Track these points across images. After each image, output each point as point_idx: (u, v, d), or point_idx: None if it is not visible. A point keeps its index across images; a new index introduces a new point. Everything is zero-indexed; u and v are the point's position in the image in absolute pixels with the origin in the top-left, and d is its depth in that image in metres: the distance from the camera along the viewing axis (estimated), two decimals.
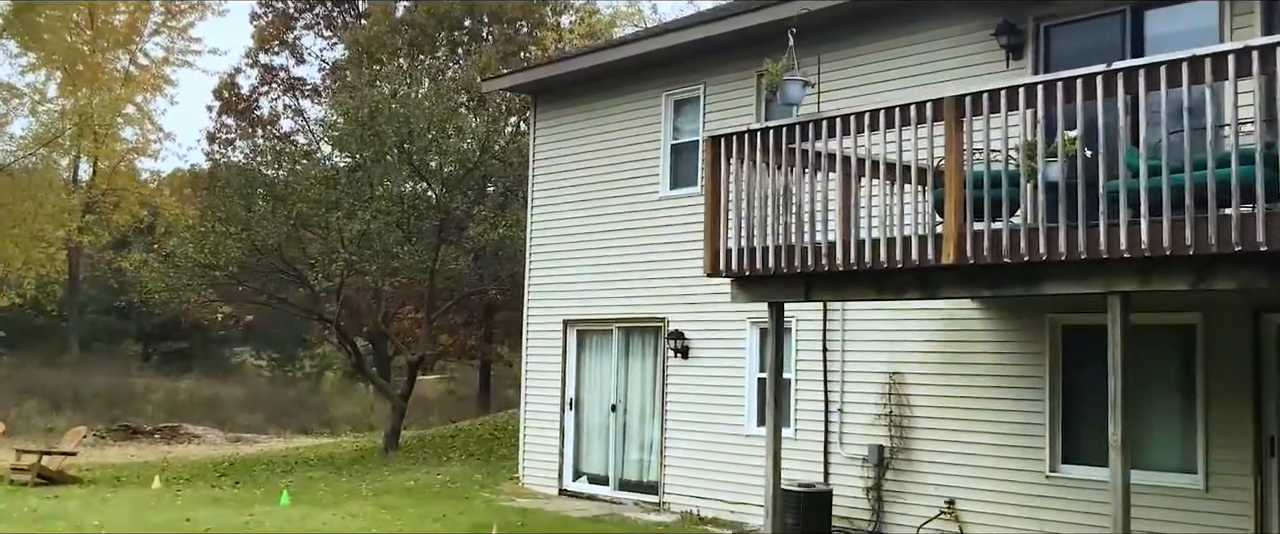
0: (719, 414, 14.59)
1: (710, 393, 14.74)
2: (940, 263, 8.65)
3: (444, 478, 18.65)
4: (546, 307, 17.10)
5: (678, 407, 15.17)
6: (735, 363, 14.46)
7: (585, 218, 16.52)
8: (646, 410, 15.79)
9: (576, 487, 16.47)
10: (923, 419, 12.42)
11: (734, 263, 10.13)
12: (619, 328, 16.13)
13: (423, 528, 13.26)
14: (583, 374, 16.71)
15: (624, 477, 16.01)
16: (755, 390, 14.27)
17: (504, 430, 23.65)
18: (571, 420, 16.70)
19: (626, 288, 15.85)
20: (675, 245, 15.15)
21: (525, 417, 17.42)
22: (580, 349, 16.76)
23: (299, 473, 20.67)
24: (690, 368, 15.03)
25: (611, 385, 16.21)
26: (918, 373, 12.51)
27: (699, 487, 14.70)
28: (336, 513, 14.45)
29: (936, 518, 12.09)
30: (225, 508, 15.19)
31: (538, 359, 17.27)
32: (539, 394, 17.17)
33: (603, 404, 16.37)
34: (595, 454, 16.47)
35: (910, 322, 12.56)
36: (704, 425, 14.76)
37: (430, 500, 15.89)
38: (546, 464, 16.87)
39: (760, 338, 14.30)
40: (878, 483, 12.71)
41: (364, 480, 19.01)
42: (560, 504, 15.63)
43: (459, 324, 37.07)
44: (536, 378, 17.27)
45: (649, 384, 15.78)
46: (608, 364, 16.30)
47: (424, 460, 21.21)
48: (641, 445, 15.83)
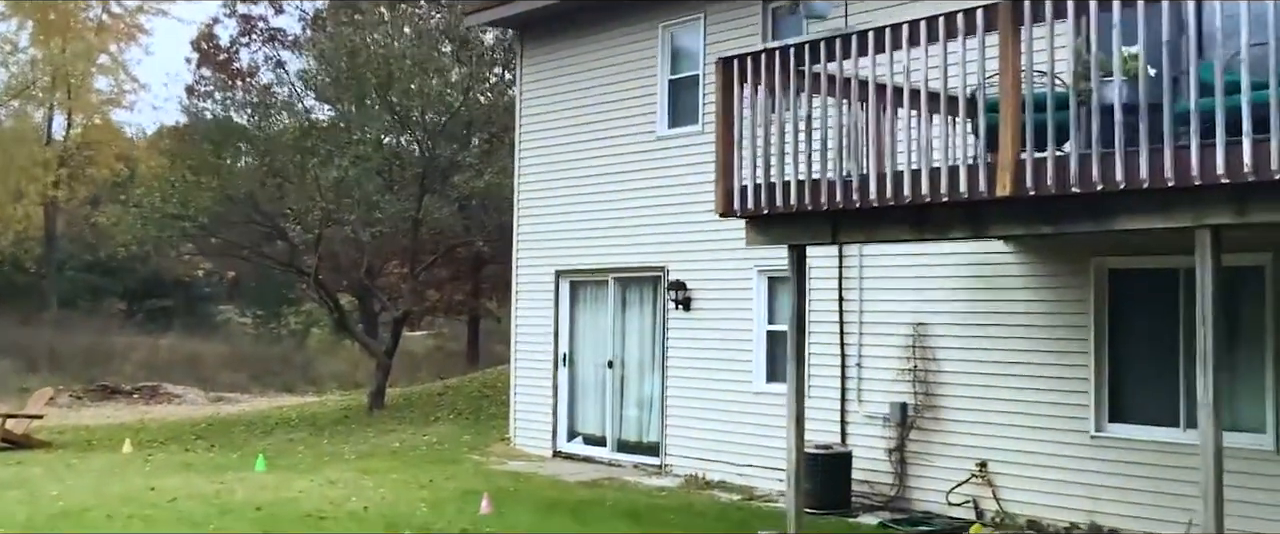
0: (724, 370, 13.52)
1: (715, 347, 13.66)
2: (993, 195, 7.52)
3: (431, 439, 17.59)
4: (537, 257, 15.97)
5: (679, 363, 14.09)
6: (742, 315, 13.37)
7: (577, 161, 15.36)
8: (646, 367, 14.72)
9: (571, 448, 15.43)
10: (951, 374, 11.36)
11: (750, 201, 8.99)
12: (615, 278, 15.01)
13: (407, 495, 12.21)
14: (577, 328, 15.62)
15: (622, 437, 14.96)
16: (764, 344, 13.19)
17: (494, 388, 22.59)
18: (565, 378, 15.62)
19: (623, 235, 14.72)
20: (675, 188, 14.01)
21: (516, 374, 16.34)
22: (574, 302, 15.65)
23: (279, 434, 19.61)
24: (693, 321, 13.93)
25: (608, 340, 15.11)
26: (945, 323, 11.43)
27: (703, 448, 13.66)
28: (315, 479, 13.39)
29: (967, 482, 11.06)
30: (196, 474, 14.13)
31: (528, 313, 16.16)
32: (530, 350, 16.08)
33: (599, 360, 15.29)
34: (591, 414, 15.41)
35: (936, 267, 11.46)
36: (708, 382, 13.69)
37: (416, 464, 14.84)
38: (539, 424, 15.80)
39: (769, 288, 13.21)
40: (901, 444, 11.66)
41: (347, 442, 17.95)
42: (555, 467, 14.59)
43: (446, 279, 36.14)
44: (527, 333, 16.17)
45: (648, 339, 14.69)
46: (603, 318, 15.20)
47: (410, 420, 20.15)
48: (641, 404, 14.77)
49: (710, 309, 13.74)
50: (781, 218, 8.99)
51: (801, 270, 9.18)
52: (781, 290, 13.09)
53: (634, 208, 14.56)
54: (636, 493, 12.73)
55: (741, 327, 13.36)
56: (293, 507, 11.49)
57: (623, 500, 12.12)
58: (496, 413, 19.44)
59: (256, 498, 11.99)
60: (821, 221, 8.77)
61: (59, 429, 20.72)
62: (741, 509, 11.87)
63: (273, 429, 20.35)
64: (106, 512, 11.34)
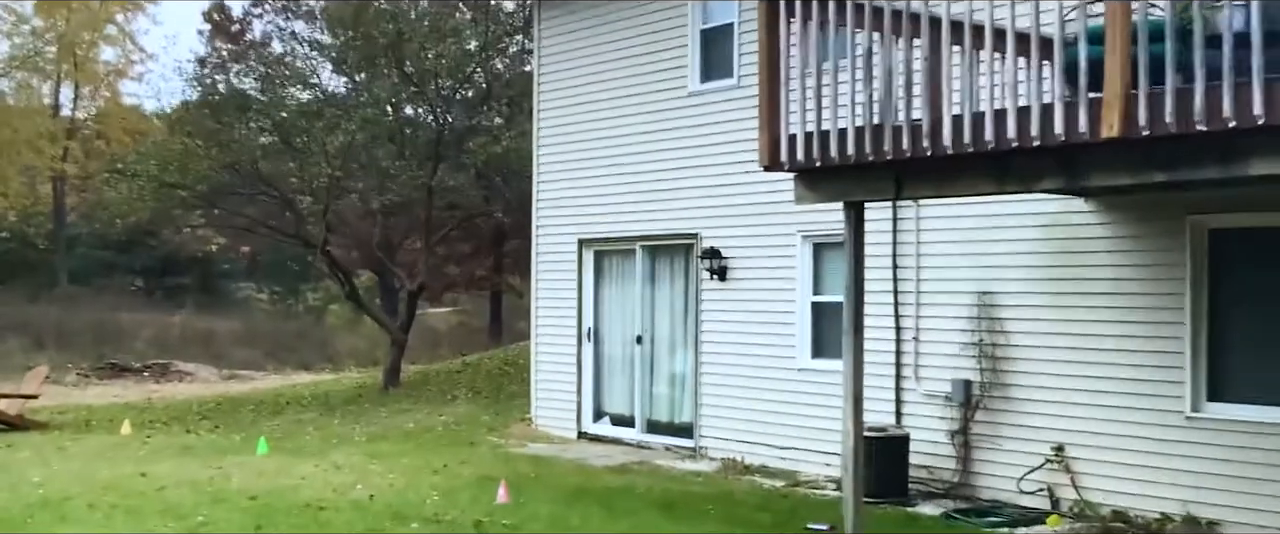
0: (764, 345, 12.37)
1: (753, 321, 12.51)
2: (1096, 137, 6.33)
3: (447, 420, 16.53)
4: (558, 225, 14.83)
5: (714, 337, 12.95)
6: (783, 284, 12.21)
7: (601, 121, 14.19)
8: (677, 342, 13.59)
9: (598, 429, 14.32)
10: (1022, 348, 10.17)
11: (799, 152, 7.82)
12: (643, 247, 13.87)
13: (417, 482, 11.15)
14: (602, 301, 14.49)
15: (652, 417, 13.84)
16: (809, 317, 12.04)
17: (515, 365, 21.53)
18: (590, 354, 14.50)
19: (651, 200, 13.57)
20: (708, 148, 12.84)
21: (537, 351, 15.23)
22: (599, 272, 14.51)
23: (289, 414, 18.61)
24: (729, 291, 12.78)
25: (636, 313, 13.98)
26: (1016, 292, 10.24)
27: (741, 429, 12.54)
28: (319, 464, 12.34)
29: (1041, 467, 9.89)
30: (193, 458, 13.11)
31: (549, 285, 15.04)
32: (552, 325, 14.97)
33: (626, 335, 14.16)
34: (618, 392, 14.29)
35: (1004, 230, 10.27)
36: (746, 358, 12.55)
37: (429, 447, 13.78)
38: (562, 404, 14.70)
39: (814, 255, 12.04)
40: (964, 425, 10.50)
41: (358, 423, 16.91)
42: (579, 450, 13.50)
43: (467, 253, 35.25)
44: (549, 306, 15.06)
45: (679, 311, 13.55)
46: (631, 289, 14.07)
47: (426, 399, 19.10)
48: (672, 382, 13.65)
49: (748, 279, 12.59)
50: (836, 171, 7.81)
51: (859, 232, 8.01)
52: (828, 257, 11.93)
53: (663, 170, 13.40)
54: (669, 479, 11.63)
55: (783, 297, 12.21)
56: (291, 495, 10.44)
57: (654, 487, 11.02)
58: (517, 392, 18.37)
59: (253, 485, 10.95)
60: (883, 174, 7.58)
61: (60, 409, 19.78)
62: (786, 497, 10.75)
63: (283, 409, 19.35)
64: (89, 501, 10.32)
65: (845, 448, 7.91)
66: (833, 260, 11.89)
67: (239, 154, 17.70)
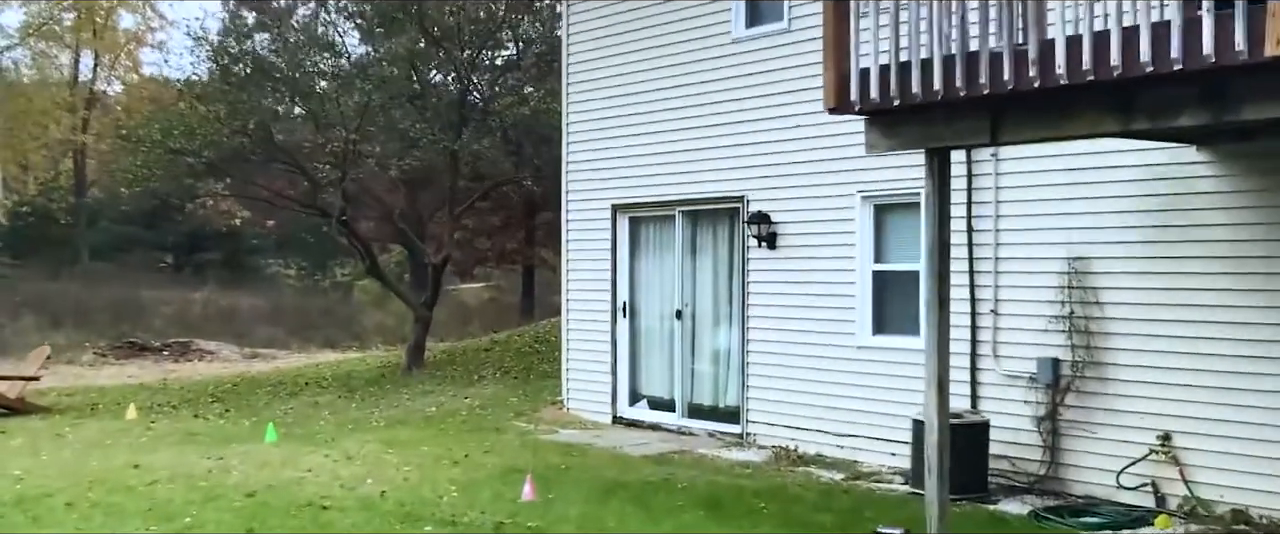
0: (819, 320, 11.13)
1: (806, 293, 11.26)
2: (1258, 57, 5.04)
3: (473, 402, 15.39)
4: (590, 189, 13.61)
5: (763, 311, 11.71)
6: (841, 252, 10.94)
7: (636, 74, 12.93)
8: (721, 317, 12.36)
9: (634, 413, 13.13)
10: (1121, 322, 8.88)
11: (874, 89, 6.56)
12: (683, 212, 12.63)
13: (435, 475, 10.01)
14: (638, 272, 13.27)
15: (694, 401, 12.64)
16: (870, 288, 10.77)
17: (546, 342, 20.37)
18: (625, 331, 13.30)
19: (692, 160, 12.32)
20: (755, 100, 11.58)
21: (567, 328, 14.04)
22: (634, 241, 13.29)
23: (306, 396, 17.54)
24: (779, 261, 11.54)
25: (675, 285, 12.76)
26: (1114, 257, 8.93)
27: (793, 414, 11.31)
28: (330, 454, 11.23)
29: (1144, 459, 8.61)
30: (195, 447, 12.03)
31: (581, 255, 13.83)
32: (584, 299, 13.77)
33: (665, 309, 12.95)
34: (657, 373, 13.09)
35: (1099, 185, 8.96)
36: (799, 335, 11.31)
37: (451, 434, 12.65)
38: (596, 386, 13.52)
39: (876, 218, 10.76)
40: (1052, 410, 9.22)
41: (377, 406, 15.81)
42: (614, 437, 12.32)
43: (497, 226, 34.19)
44: (580, 279, 13.85)
45: (724, 283, 12.32)
46: (670, 259, 12.84)
47: (451, 380, 17.98)
48: (716, 362, 12.43)
49: (801, 246, 11.33)
50: (918, 112, 6.55)
51: (944, 186, 6.74)
52: (892, 220, 10.66)
53: (705, 126, 12.14)
54: (714, 471, 10.43)
55: (841, 267, 10.94)
56: (293, 492, 9.32)
57: (698, 481, 9.81)
58: (548, 371, 17.22)
59: (253, 479, 9.84)
60: (977, 113, 6.31)
61: (69, 390, 18.83)
62: (848, 492, 9.52)
63: (300, 390, 18.29)
64: (70, 497, 9.24)
65: (929, 442, 6.67)
66: (897, 224, 10.63)
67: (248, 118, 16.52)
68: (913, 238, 10.35)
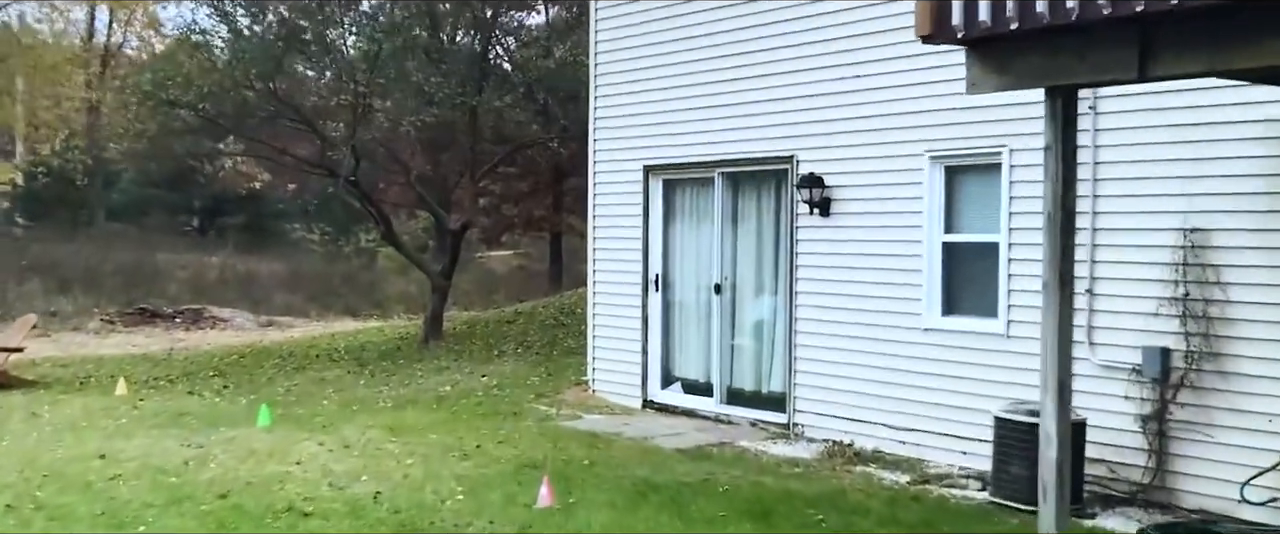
0: (880, 298, 9.77)
1: (865, 266, 9.89)
2: None
3: (490, 381, 14.13)
4: (620, 149, 12.26)
5: (814, 287, 10.35)
6: (906, 220, 9.57)
7: (671, 20, 11.54)
8: (766, 292, 11.02)
9: (667, 397, 11.83)
10: (1248, 305, 7.47)
11: (983, 11, 5.16)
12: (724, 174, 11.27)
13: (440, 470, 8.75)
14: (672, 241, 11.94)
15: (734, 385, 11.32)
16: (939, 262, 9.39)
17: (572, 315, 19.09)
18: (658, 306, 11.98)
19: (735, 116, 10.95)
20: (809, 46, 10.19)
21: (594, 302, 12.73)
22: (669, 206, 11.95)
23: (314, 370, 16.33)
24: (833, 230, 10.17)
25: (714, 256, 11.42)
26: (1240, 229, 7.52)
27: (849, 404, 9.98)
28: (326, 442, 9.99)
29: (1275, 468, 7.23)
30: (178, 431, 10.81)
31: (609, 222, 12.50)
32: (612, 271, 12.44)
33: (702, 283, 11.62)
34: (692, 354, 11.77)
35: (1218, 143, 7.54)
36: (856, 315, 9.95)
37: (464, 418, 11.39)
38: (625, 367, 12.22)
39: (947, 182, 9.37)
40: (1161, 409, 7.84)
41: (388, 383, 14.59)
42: (644, 424, 11.02)
43: (525, 192, 32.95)
44: (609, 248, 12.53)
45: (769, 254, 10.97)
46: (708, 226, 11.50)
47: (470, 355, 16.72)
48: (759, 342, 11.10)
49: (859, 213, 9.95)
50: (1043, 37, 5.15)
51: (1070, 135, 5.35)
52: (966, 184, 9.28)
53: (749, 77, 10.76)
54: (759, 469, 9.11)
55: (905, 237, 9.57)
56: (274, 492, 8.08)
57: (742, 483, 8.50)
58: (573, 348, 15.93)
59: (232, 475, 8.62)
60: (1122, 38, 4.91)
61: (65, 361, 17.72)
62: (918, 500, 8.18)
63: (310, 363, 17.10)
64: (14, 496, 8.05)
65: (1046, 458, 5.32)
66: (971, 188, 9.24)
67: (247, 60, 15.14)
68: (989, 205, 8.98)
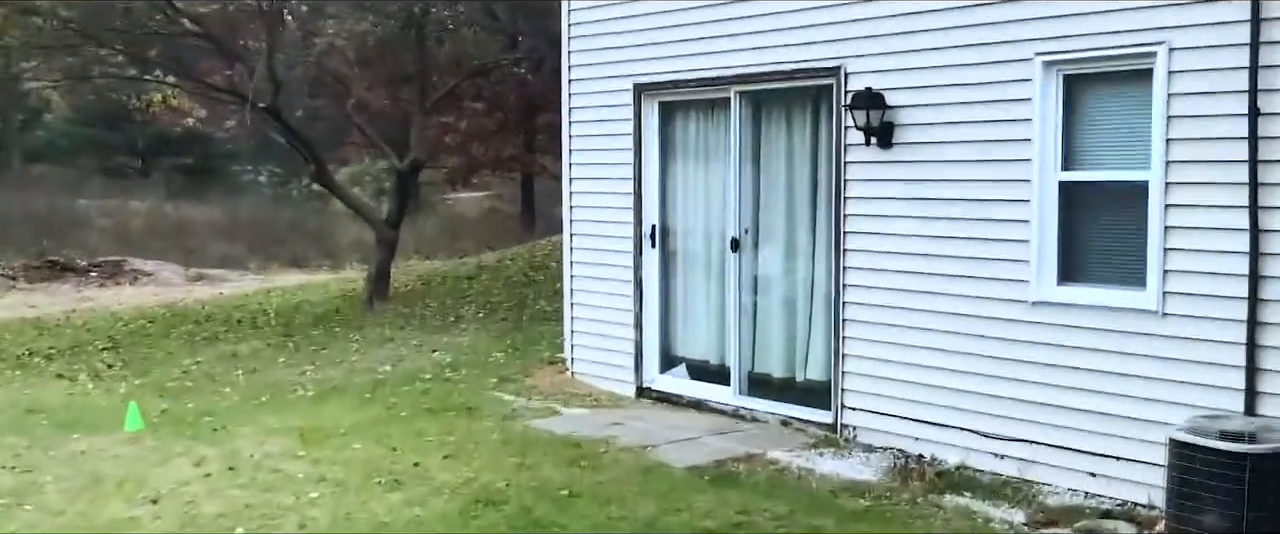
0: (965, 259, 7.09)
1: (943, 216, 7.20)
2: None
3: (443, 358, 11.40)
4: (603, 64, 9.45)
5: (870, 243, 7.65)
6: (1004, 152, 6.87)
7: None
8: (801, 249, 8.33)
9: (668, 384, 9.16)
10: None
11: None
12: (743, 94, 8.52)
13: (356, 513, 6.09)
14: (674, 183, 9.21)
15: (756, 370, 8.66)
16: (1055, 208, 6.71)
17: (544, 270, 16.38)
18: (655, 267, 9.27)
19: (757, 15, 8.19)
20: None
21: (571, 261, 9.99)
22: (668, 138, 9.20)
23: (230, 341, 13.55)
24: (898, 165, 7.45)
25: (730, 203, 8.69)
26: None
27: (919, 400, 7.34)
28: (209, 455, 7.33)
29: None
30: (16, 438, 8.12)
31: (590, 159, 9.73)
32: (594, 221, 9.70)
33: (713, 237, 8.92)
34: (701, 329, 9.09)
35: None
36: (931, 282, 7.28)
37: (403, 416, 8.70)
38: (612, 344, 9.51)
39: (1065, 95, 6.65)
40: None
41: (315, 359, 11.87)
42: (642, 424, 8.33)
43: (493, 130, 30.23)
44: (589, 192, 9.77)
45: (805, 199, 8.27)
46: (721, 163, 8.77)
47: (421, 320, 13.97)
48: (793, 315, 8.43)
49: (935, 143, 7.24)
50: None
51: None
52: (1095, 100, 6.60)
53: None
54: (811, 502, 6.45)
55: (1005, 175, 6.87)
56: None
57: (791, 526, 5.87)
58: (547, 312, 13.22)
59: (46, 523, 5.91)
60: None
61: None
62: None
63: (228, 331, 14.30)
64: None
65: None
66: (1105, 105, 6.58)
67: None
68: (1134, 130, 6.32)
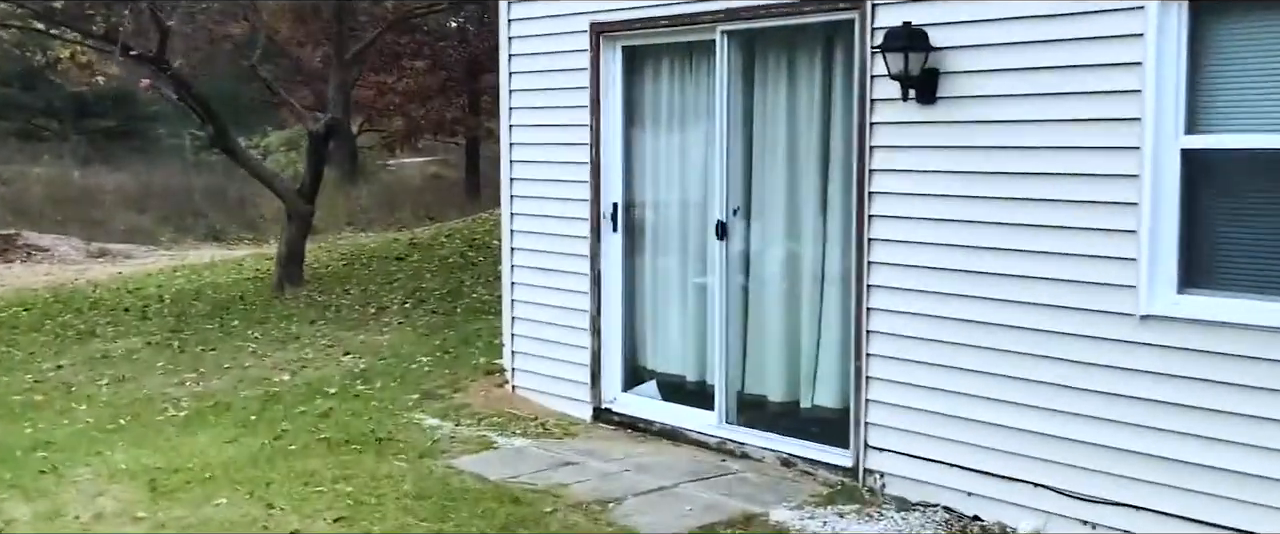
0: (1042, 255, 5.22)
1: (1010, 196, 5.33)
2: None
3: (356, 363, 9.36)
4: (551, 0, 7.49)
5: (905, 230, 5.76)
6: (1098, 108, 5.00)
7: None
8: (807, 236, 6.44)
9: (634, 405, 7.24)
10: None
11: None
12: (730, 35, 6.58)
13: None
14: (641, 149, 7.27)
15: (748, 390, 6.78)
16: (1176, 187, 4.84)
17: (485, 248, 14.38)
18: (617, 255, 7.33)
19: None
20: None
21: (512, 246, 8.00)
22: (635, 92, 7.26)
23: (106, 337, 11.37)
24: (945, 127, 5.55)
25: (715, 176, 6.75)
26: None
27: (977, 446, 5.49)
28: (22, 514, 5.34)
29: None
30: None
31: (534, 117, 7.73)
32: (540, 197, 7.72)
33: (692, 219, 7.00)
34: (675, 337, 7.18)
35: None
36: (992, 283, 5.40)
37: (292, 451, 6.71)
38: (563, 352, 7.56)
39: (1192, 36, 4.78)
40: None
41: (201, 363, 9.80)
42: (601, 462, 6.40)
43: (435, 90, 28.52)
44: (533, 159, 7.79)
45: (814, 171, 6.37)
46: (701, 126, 6.85)
47: (337, 311, 11.89)
48: (797, 321, 6.53)
49: (997, 97, 5.34)
50: None
51: None
52: (1234, 37, 4.72)
53: None
54: None
55: (1099, 140, 5.00)
56: None
57: None
58: (485, 302, 11.23)
59: None
60: None
61: None
62: None
63: (108, 324, 12.13)
64: None
65: None
66: (1250, 41, 4.71)
67: None
68: None
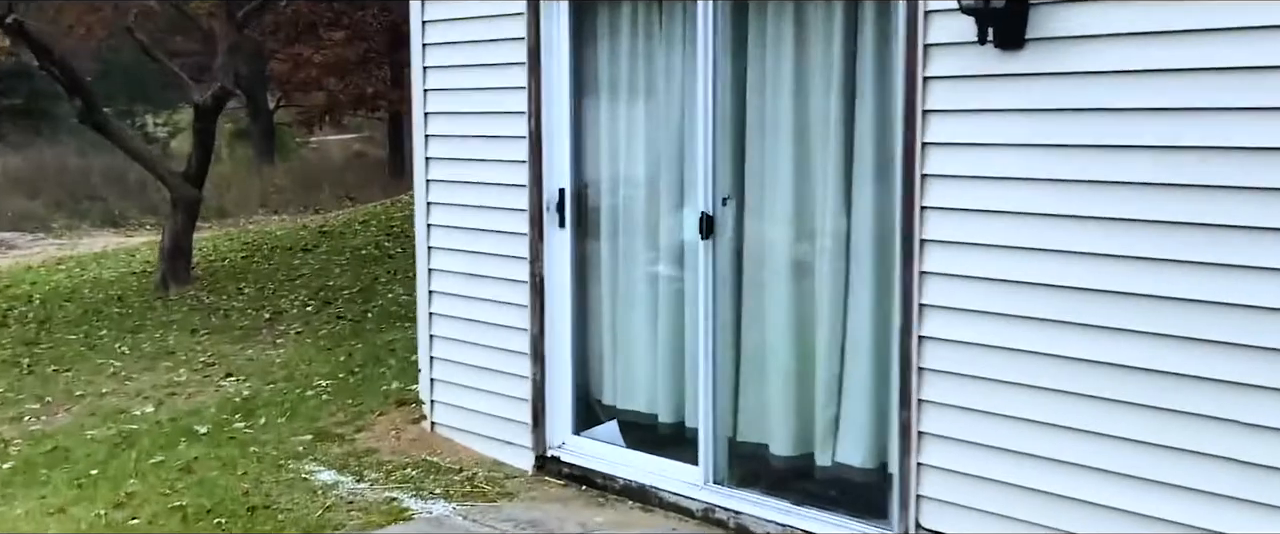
0: (1205, 271, 3.63)
1: (1153, 181, 3.73)
2: None
3: (239, 387, 7.57)
4: None
5: (980, 228, 4.14)
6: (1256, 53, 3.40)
7: None
8: (825, 235, 4.81)
9: (589, 453, 5.56)
10: None
11: None
12: None
13: None
14: (596, 123, 5.58)
15: (742, 439, 5.13)
16: None
17: (404, 237, 12.61)
18: (566, 258, 5.63)
19: None
20: None
21: (429, 246, 6.25)
22: (586, 51, 5.56)
23: None
24: (1039, 83, 3.94)
25: (699, 158, 5.08)
26: None
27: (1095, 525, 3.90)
28: None
29: None
30: None
31: (456, 78, 6.00)
32: (465, 179, 5.98)
33: (666, 212, 5.34)
34: (642, 365, 5.51)
35: None
36: (1127, 308, 3.80)
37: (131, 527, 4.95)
38: (496, 384, 5.85)
39: None
40: None
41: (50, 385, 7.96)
42: None
43: (354, 62, 27.02)
44: (455, 134, 6.04)
45: (836, 148, 4.73)
46: (676, 91, 5.19)
47: (225, 316, 10.05)
48: (807, 351, 4.89)
49: (1125, 36, 3.74)
50: None
51: None
52: None
53: None
54: None
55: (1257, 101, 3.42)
56: None
57: None
58: (402, 306, 9.46)
59: None
60: None
61: None
62: None
63: None
64: None
65: None
66: None
67: None
68: None
